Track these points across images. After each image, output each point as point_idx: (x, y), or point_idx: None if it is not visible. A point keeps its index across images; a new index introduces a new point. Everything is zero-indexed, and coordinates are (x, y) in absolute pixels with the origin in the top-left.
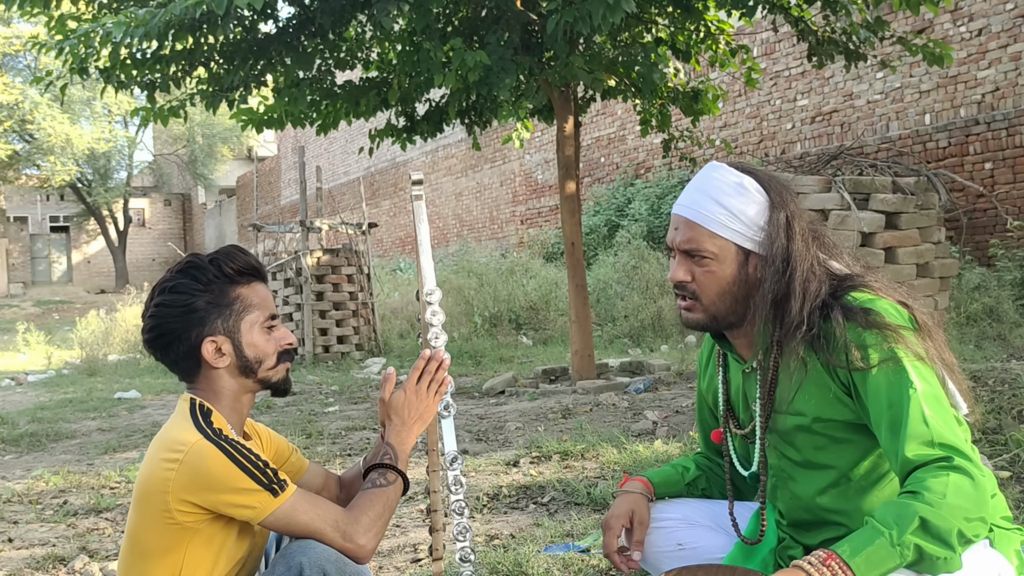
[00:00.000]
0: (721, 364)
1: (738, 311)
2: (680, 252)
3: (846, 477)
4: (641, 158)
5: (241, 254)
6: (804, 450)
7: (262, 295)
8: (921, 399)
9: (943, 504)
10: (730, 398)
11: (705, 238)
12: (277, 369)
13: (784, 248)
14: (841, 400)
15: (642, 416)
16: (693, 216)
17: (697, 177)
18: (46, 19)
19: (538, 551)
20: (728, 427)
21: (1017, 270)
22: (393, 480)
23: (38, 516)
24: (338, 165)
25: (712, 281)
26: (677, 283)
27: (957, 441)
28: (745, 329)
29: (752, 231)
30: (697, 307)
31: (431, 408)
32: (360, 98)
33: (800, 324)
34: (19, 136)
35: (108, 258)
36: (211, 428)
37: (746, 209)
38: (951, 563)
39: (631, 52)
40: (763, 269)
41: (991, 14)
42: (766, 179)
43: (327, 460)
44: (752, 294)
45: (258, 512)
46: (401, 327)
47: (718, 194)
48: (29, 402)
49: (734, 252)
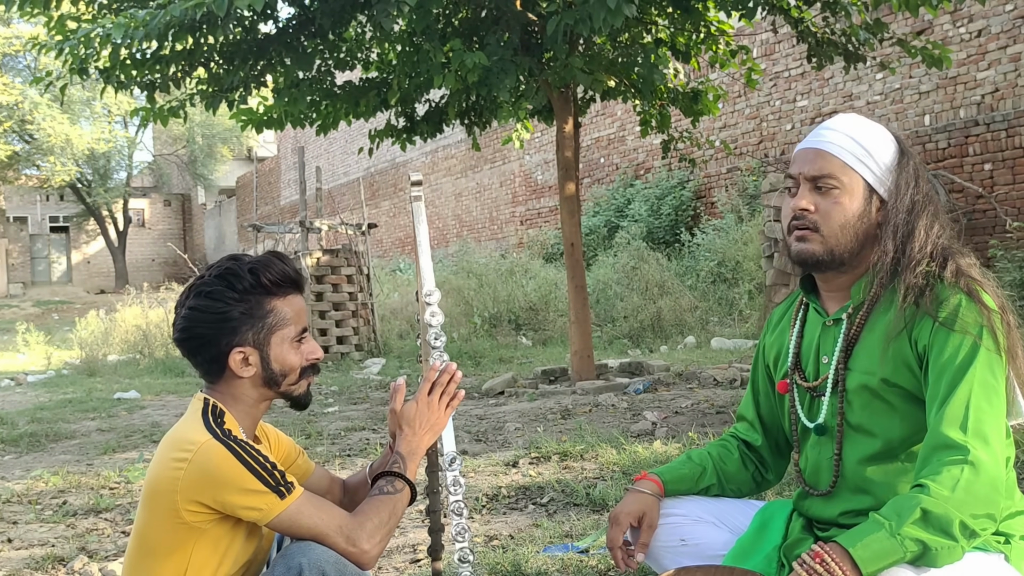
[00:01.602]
0: (799, 318)
1: (854, 249)
2: (807, 181)
3: (892, 451)
4: (641, 159)
5: (281, 263)
6: (860, 412)
7: (297, 308)
8: (975, 384)
9: (949, 499)
10: (800, 351)
11: (838, 168)
12: (300, 384)
13: (912, 192)
14: (911, 368)
15: (641, 417)
16: (828, 148)
17: (828, 122)
18: (46, 20)
19: (537, 552)
20: (794, 379)
21: (1016, 271)
22: (401, 488)
23: (37, 516)
24: (338, 165)
25: (838, 212)
26: (800, 211)
27: (988, 433)
28: (845, 279)
29: (883, 173)
30: (816, 238)
31: (442, 420)
32: (360, 98)
33: (921, 260)
34: (19, 136)
35: (108, 258)
36: (221, 429)
37: (880, 150)
38: (953, 553)
39: (631, 53)
40: (889, 210)
41: (991, 15)
42: (895, 131)
43: (326, 461)
44: (870, 234)
45: (265, 513)
46: (401, 328)
47: (855, 132)
48: (29, 402)
49: (863, 187)
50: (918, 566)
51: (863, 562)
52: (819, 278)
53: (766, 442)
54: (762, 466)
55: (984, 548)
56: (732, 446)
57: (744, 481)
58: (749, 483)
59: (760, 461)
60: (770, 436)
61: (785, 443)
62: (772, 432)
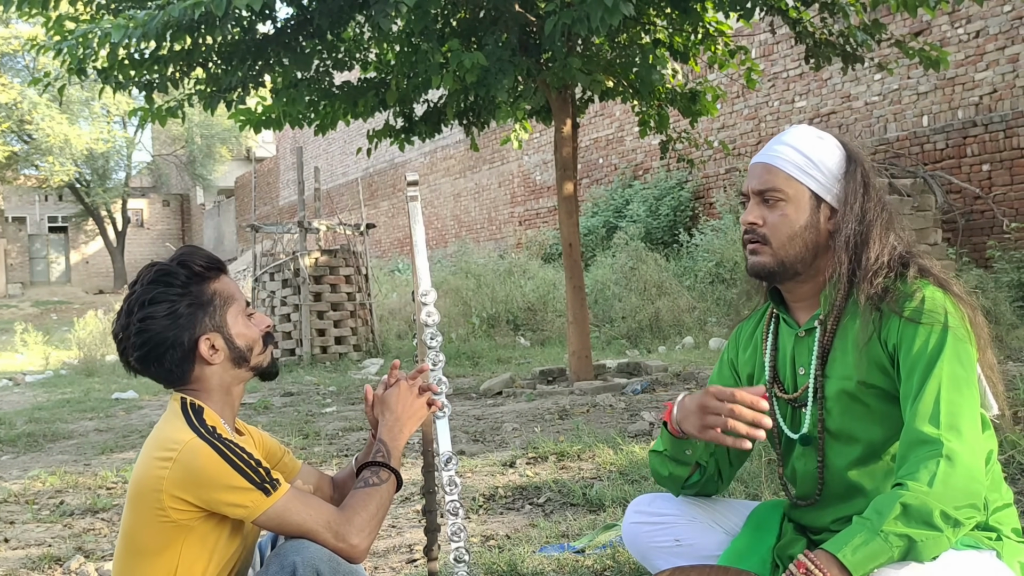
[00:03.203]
0: (772, 331)
1: (806, 258)
2: (754, 195)
3: (875, 453)
4: (639, 159)
5: (200, 250)
6: (840, 418)
7: (232, 286)
8: (944, 376)
9: (928, 492)
10: (776, 364)
11: (781, 180)
12: (265, 353)
13: (862, 200)
14: (884, 369)
15: (639, 417)
16: (773, 161)
17: (778, 136)
18: (44, 20)
19: (533, 552)
20: (772, 392)
21: (1014, 272)
22: (386, 478)
23: (34, 516)
24: (336, 166)
25: (784, 224)
26: (748, 225)
27: (961, 425)
28: (807, 289)
29: (829, 181)
30: (766, 250)
31: (423, 409)
32: (358, 99)
33: (879, 270)
34: (18, 136)
35: (106, 258)
36: (204, 426)
37: (825, 159)
38: (939, 543)
39: (629, 53)
40: (839, 219)
41: (989, 16)
42: (846, 139)
43: (324, 461)
44: (822, 243)
45: (251, 511)
46: (399, 328)
47: (797, 143)
48: (26, 402)
49: (808, 197)
50: (908, 561)
51: (854, 567)
52: (783, 289)
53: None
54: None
55: (976, 545)
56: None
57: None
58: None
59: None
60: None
61: (736, 454)
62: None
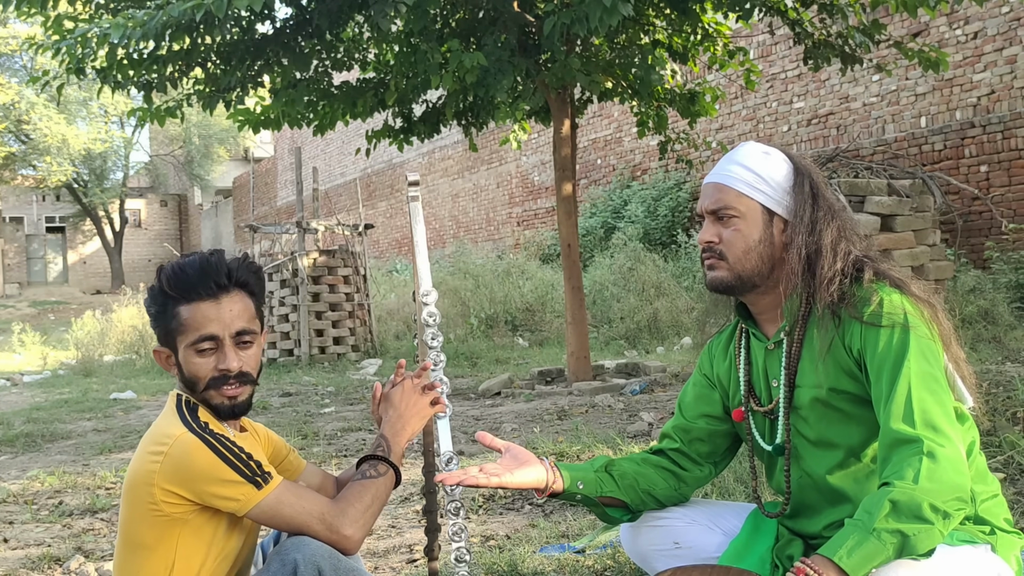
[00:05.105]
0: (743, 346)
1: (763, 271)
2: (709, 215)
3: (855, 457)
4: (638, 160)
5: (193, 273)
6: (816, 426)
7: (203, 315)
8: (912, 375)
9: (915, 489)
10: (751, 378)
11: (732, 198)
12: (210, 394)
13: (811, 211)
14: (852, 374)
15: (637, 418)
16: (723, 180)
17: (727, 155)
18: (43, 19)
19: (533, 552)
20: (749, 405)
21: (1012, 273)
22: (384, 472)
23: (33, 516)
24: (335, 166)
25: (738, 239)
26: (705, 244)
27: (936, 421)
28: (769, 300)
29: (778, 194)
30: (723, 266)
31: (428, 408)
32: (357, 99)
33: (834, 278)
34: (15, 136)
35: (104, 259)
36: (197, 422)
37: (772, 173)
38: (932, 536)
39: (628, 54)
40: (791, 231)
41: (987, 17)
42: (792, 153)
43: (323, 461)
44: (776, 256)
45: (242, 504)
46: (397, 328)
47: (745, 159)
48: (25, 403)
49: (760, 212)
50: (903, 557)
51: (852, 569)
52: (747, 302)
53: (685, 447)
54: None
55: (972, 540)
56: (651, 462)
57: (657, 482)
58: (663, 485)
59: (679, 466)
60: (692, 446)
61: (706, 454)
62: (693, 442)
